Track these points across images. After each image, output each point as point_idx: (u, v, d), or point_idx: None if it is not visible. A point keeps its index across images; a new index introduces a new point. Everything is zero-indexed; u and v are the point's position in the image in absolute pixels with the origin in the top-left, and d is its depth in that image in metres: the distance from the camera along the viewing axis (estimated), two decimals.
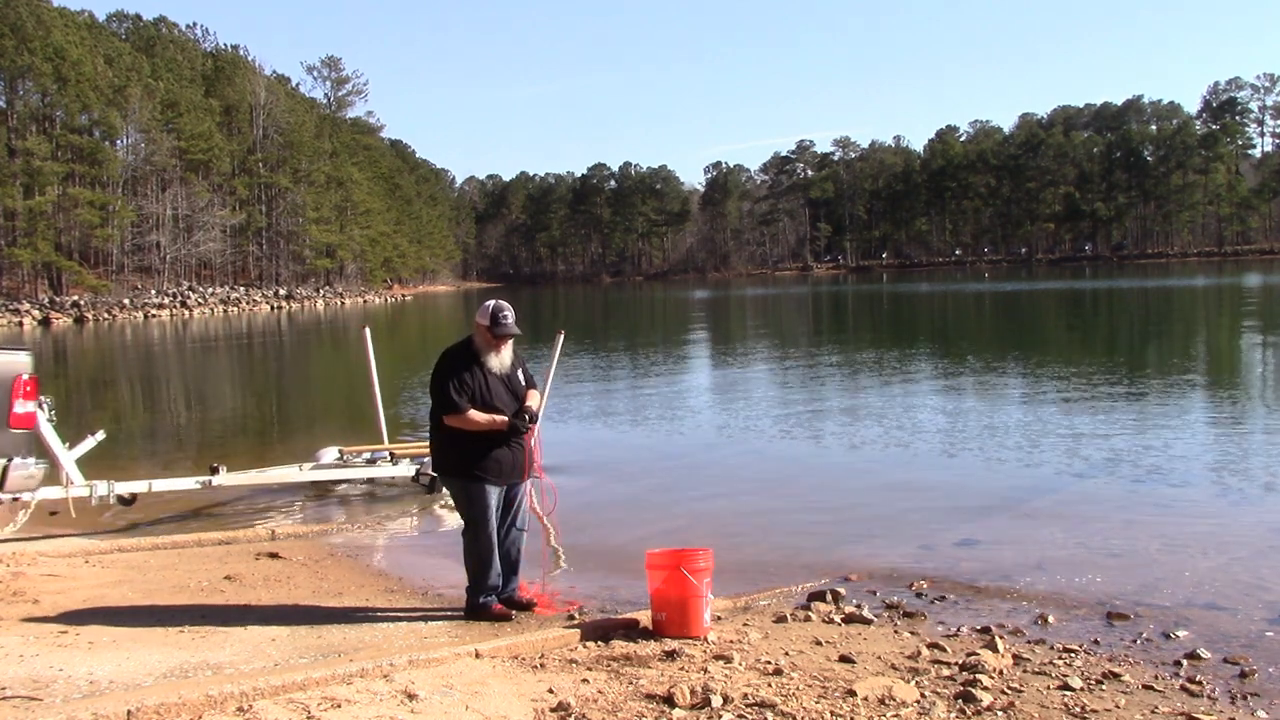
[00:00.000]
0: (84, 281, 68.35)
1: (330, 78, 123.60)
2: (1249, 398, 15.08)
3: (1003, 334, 31.28)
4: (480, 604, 5.62)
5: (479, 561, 5.62)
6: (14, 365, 6.76)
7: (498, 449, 5.54)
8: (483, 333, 5.62)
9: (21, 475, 6.77)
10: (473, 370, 5.55)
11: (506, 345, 5.67)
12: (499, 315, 5.57)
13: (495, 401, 5.55)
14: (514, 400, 5.65)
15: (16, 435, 6.71)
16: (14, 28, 65.45)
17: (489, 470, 5.55)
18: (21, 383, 6.66)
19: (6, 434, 6.63)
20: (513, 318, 5.63)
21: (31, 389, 6.75)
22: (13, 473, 6.68)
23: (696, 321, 44.76)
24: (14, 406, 6.60)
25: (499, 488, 5.63)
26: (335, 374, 27.09)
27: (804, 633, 5.32)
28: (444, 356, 5.68)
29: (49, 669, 4.60)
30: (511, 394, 5.65)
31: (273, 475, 9.47)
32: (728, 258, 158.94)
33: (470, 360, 5.60)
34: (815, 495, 9.42)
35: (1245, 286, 51.79)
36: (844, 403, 15.64)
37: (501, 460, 5.57)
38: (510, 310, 5.64)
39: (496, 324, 5.56)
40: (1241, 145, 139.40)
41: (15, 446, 6.72)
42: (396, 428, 12.19)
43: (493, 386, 5.58)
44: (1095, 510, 8.21)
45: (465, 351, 5.65)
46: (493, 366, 5.60)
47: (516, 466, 5.64)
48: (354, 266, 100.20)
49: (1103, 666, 4.79)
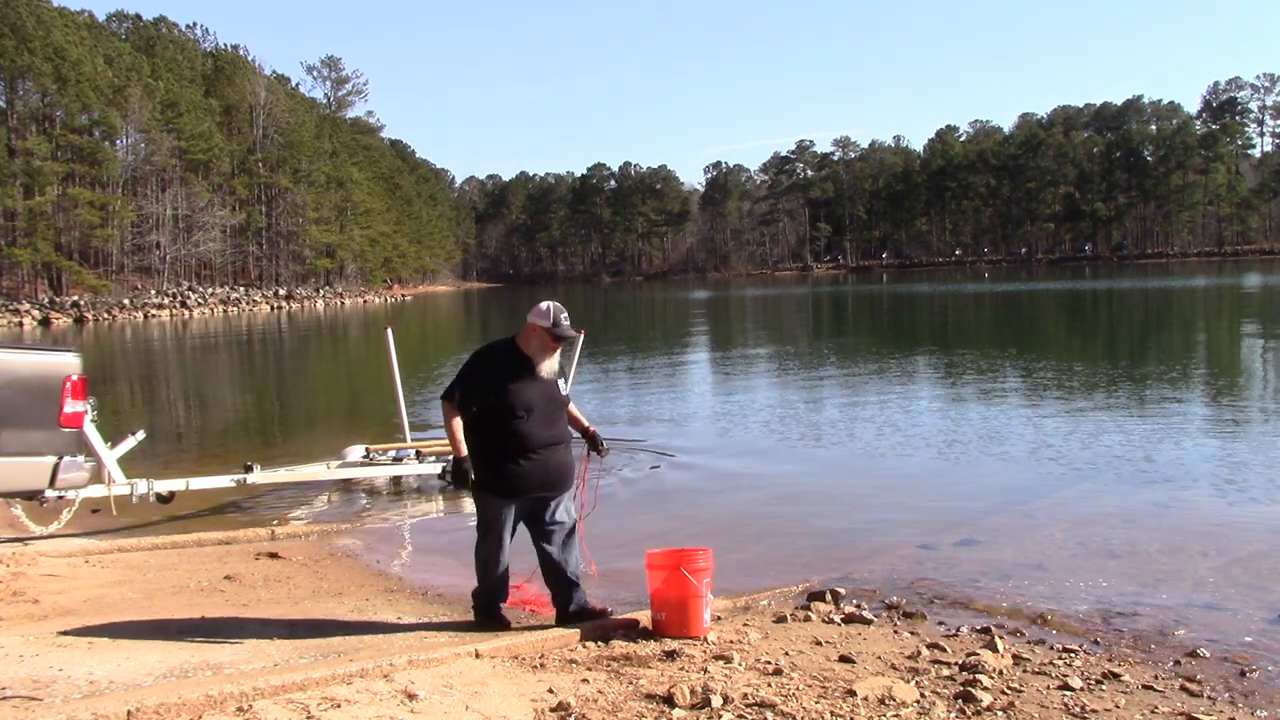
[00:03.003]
0: (84, 281, 68.37)
1: (330, 78, 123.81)
2: (1249, 398, 15.07)
3: (1003, 334, 31.28)
4: (480, 607, 5.48)
5: (481, 562, 5.40)
6: (64, 366, 6.91)
7: (526, 460, 5.17)
8: (541, 335, 5.24)
9: (72, 473, 6.92)
10: (514, 372, 5.21)
11: (558, 349, 5.35)
12: (560, 317, 5.24)
13: (536, 407, 5.20)
14: (554, 407, 5.32)
15: (67, 434, 6.86)
16: (14, 28, 65.45)
17: (509, 483, 5.20)
18: (71, 383, 6.78)
19: (58, 433, 6.77)
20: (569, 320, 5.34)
21: (79, 389, 6.87)
22: (63, 471, 6.82)
23: (696, 322, 44.76)
24: (64, 406, 6.72)
25: (514, 503, 5.27)
26: (342, 373, 27.13)
27: (804, 633, 5.32)
28: (484, 350, 5.39)
29: (49, 669, 4.60)
30: (553, 401, 5.32)
31: (302, 473, 9.67)
32: (728, 258, 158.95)
33: (515, 362, 5.26)
34: (815, 495, 9.41)
35: (1245, 287, 51.78)
36: (844, 403, 15.64)
37: (521, 473, 5.18)
38: (567, 312, 5.34)
39: (558, 326, 5.23)
40: (1241, 145, 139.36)
41: (65, 445, 6.86)
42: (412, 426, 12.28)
43: (538, 391, 5.24)
44: (1095, 510, 8.21)
45: (510, 351, 5.31)
46: (543, 371, 5.28)
47: (548, 482, 5.27)
48: (354, 266, 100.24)
49: (1103, 666, 4.79)
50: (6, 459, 6.54)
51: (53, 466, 6.81)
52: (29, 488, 6.91)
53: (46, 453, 6.76)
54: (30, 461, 6.67)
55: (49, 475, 6.81)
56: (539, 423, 5.21)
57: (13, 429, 6.51)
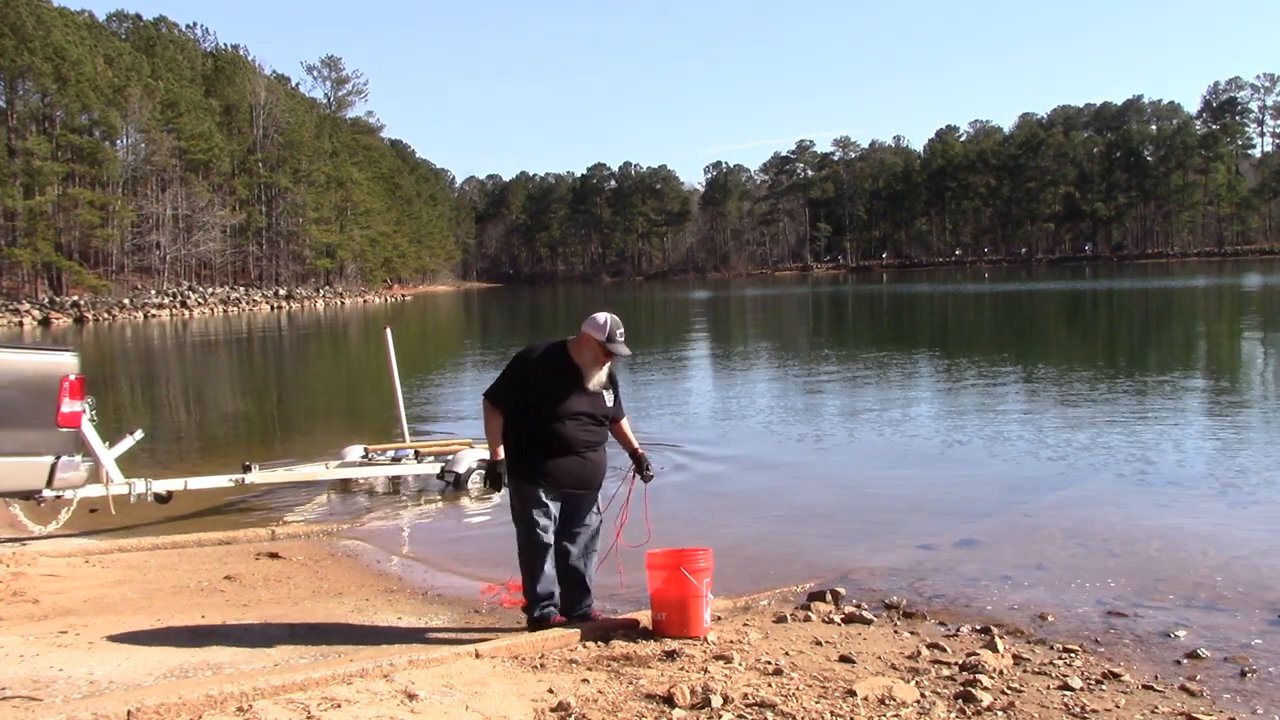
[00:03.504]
0: (84, 281, 68.36)
1: (330, 78, 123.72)
2: (1249, 399, 15.08)
3: (1003, 335, 31.28)
4: (536, 617, 5.28)
5: (527, 569, 5.27)
6: (62, 365, 6.89)
7: (563, 456, 5.18)
8: (594, 346, 5.21)
9: (69, 473, 6.91)
10: (561, 378, 5.18)
11: (609, 363, 5.34)
12: (616, 332, 5.21)
13: (578, 415, 5.20)
14: (596, 419, 5.29)
15: (64, 434, 6.85)
16: (14, 28, 65.43)
17: (545, 475, 5.18)
18: (69, 383, 6.78)
19: (55, 432, 6.76)
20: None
21: (77, 388, 6.87)
22: (60, 471, 6.81)
23: (697, 322, 44.76)
24: (61, 405, 6.71)
25: (555, 497, 5.25)
26: (342, 373, 27.12)
27: (804, 633, 5.32)
28: (529, 349, 5.32)
29: (49, 669, 4.60)
30: (596, 412, 5.29)
31: (301, 473, 9.66)
32: (728, 258, 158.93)
33: (562, 367, 5.22)
34: (815, 495, 9.41)
35: (1245, 287, 51.78)
36: (843, 403, 15.64)
37: (563, 469, 5.19)
38: (624, 328, 5.30)
39: (612, 340, 5.20)
40: (1241, 145, 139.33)
41: (63, 445, 6.85)
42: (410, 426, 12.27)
43: (583, 401, 5.21)
44: (1095, 510, 8.21)
45: (559, 356, 5.26)
46: (591, 383, 5.24)
47: (583, 478, 5.27)
48: (354, 266, 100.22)
49: (1103, 666, 4.79)
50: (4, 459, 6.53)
51: (50, 466, 6.80)
52: (26, 488, 6.89)
53: (44, 453, 6.74)
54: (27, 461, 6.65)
55: (46, 475, 6.80)
56: (578, 428, 5.21)
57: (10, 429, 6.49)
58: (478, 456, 9.62)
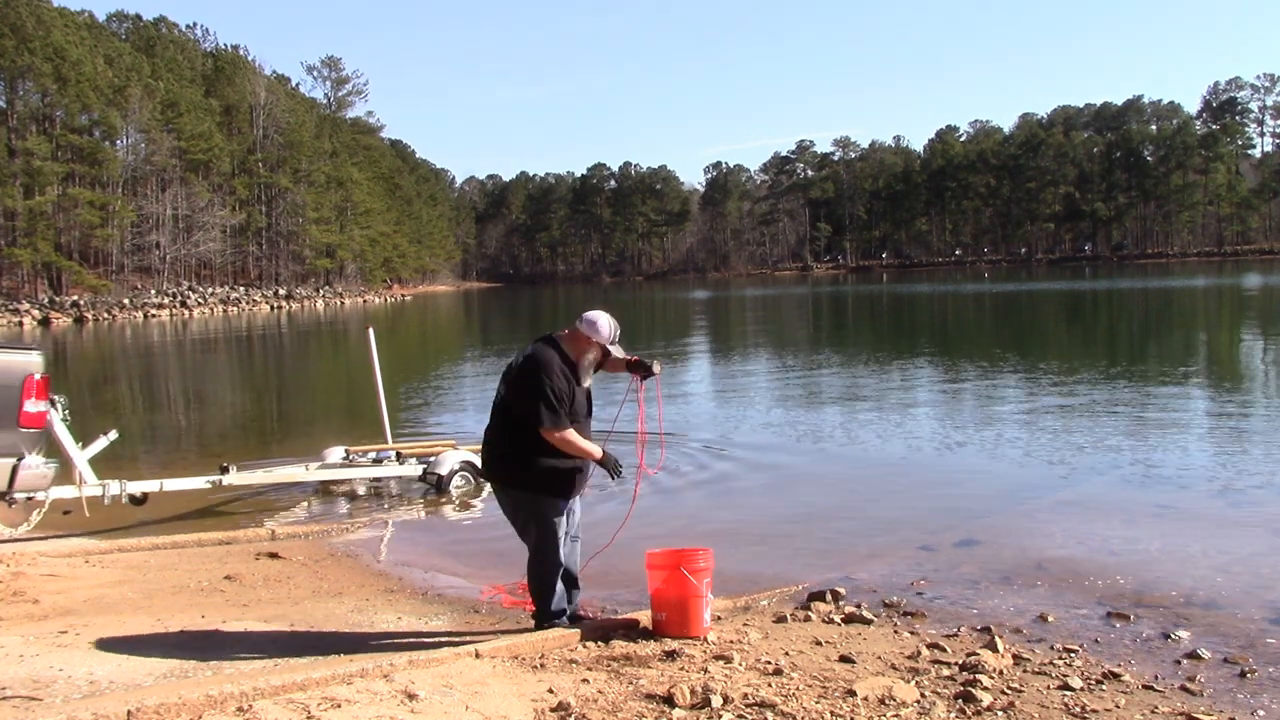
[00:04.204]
0: (84, 281, 68.33)
1: (330, 78, 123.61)
2: (1249, 399, 15.07)
3: (1003, 335, 31.28)
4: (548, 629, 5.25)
5: (543, 584, 5.22)
6: (25, 365, 6.77)
7: (579, 460, 5.19)
8: (595, 348, 5.24)
9: (32, 474, 6.78)
10: (570, 382, 5.15)
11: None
12: (617, 335, 5.28)
13: (582, 415, 5.23)
14: (589, 418, 5.33)
15: (27, 434, 6.72)
16: (14, 28, 65.39)
17: (568, 487, 5.19)
18: (33, 382, 6.67)
19: (17, 433, 6.63)
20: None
21: (42, 388, 6.76)
22: (23, 472, 6.69)
23: (697, 322, 44.76)
24: (24, 405, 6.60)
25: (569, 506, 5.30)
26: (337, 374, 27.09)
27: (804, 633, 5.32)
28: (544, 361, 5.12)
29: (49, 669, 4.60)
30: (588, 407, 5.33)
31: (280, 474, 9.53)
32: (728, 258, 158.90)
33: (568, 371, 5.18)
34: (815, 495, 9.41)
35: (1245, 287, 51.77)
36: (843, 403, 15.64)
37: (579, 475, 5.24)
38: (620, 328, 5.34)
39: (615, 344, 5.26)
40: (1241, 145, 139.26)
41: (26, 446, 6.72)
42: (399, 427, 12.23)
43: (582, 398, 5.23)
44: (1095, 510, 8.21)
45: (565, 359, 5.21)
46: (585, 381, 5.28)
47: (587, 477, 5.36)
48: (354, 266, 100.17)
49: (1103, 666, 4.79)
50: None
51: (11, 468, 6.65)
52: None
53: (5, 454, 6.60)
54: None
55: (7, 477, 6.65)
56: (584, 430, 5.23)
57: None
58: (461, 458, 9.57)
